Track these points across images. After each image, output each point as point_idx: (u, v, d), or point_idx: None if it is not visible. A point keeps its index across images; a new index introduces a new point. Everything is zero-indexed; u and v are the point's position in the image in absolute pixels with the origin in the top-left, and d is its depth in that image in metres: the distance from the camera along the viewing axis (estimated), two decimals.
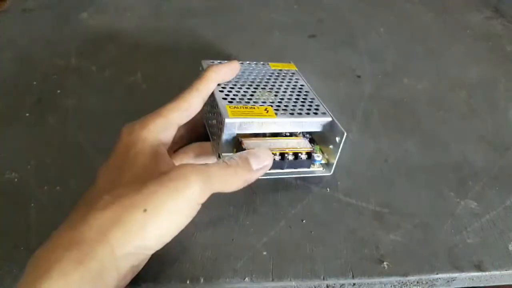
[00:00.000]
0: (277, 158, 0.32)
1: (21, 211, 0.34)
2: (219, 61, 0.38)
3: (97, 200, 0.25)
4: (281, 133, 0.34)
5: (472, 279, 0.30)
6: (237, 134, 0.32)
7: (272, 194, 0.35)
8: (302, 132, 0.35)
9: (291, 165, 0.33)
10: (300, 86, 0.37)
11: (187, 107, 0.31)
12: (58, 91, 0.47)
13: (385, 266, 0.30)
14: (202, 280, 0.29)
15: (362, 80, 0.47)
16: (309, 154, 0.33)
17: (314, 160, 0.34)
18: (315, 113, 0.34)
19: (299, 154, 0.33)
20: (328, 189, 0.35)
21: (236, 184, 0.28)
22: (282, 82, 0.38)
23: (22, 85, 0.48)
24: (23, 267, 0.29)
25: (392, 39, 0.55)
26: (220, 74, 0.34)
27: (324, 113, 0.34)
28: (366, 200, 0.34)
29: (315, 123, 0.34)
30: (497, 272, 0.29)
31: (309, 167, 0.34)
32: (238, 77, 0.36)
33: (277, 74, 0.39)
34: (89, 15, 0.61)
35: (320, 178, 0.36)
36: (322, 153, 0.35)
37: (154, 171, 0.26)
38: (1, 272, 0.29)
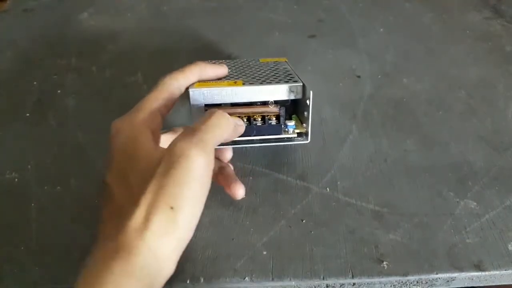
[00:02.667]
0: (245, 123, 0.31)
1: (21, 211, 0.34)
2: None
3: (122, 208, 0.25)
4: (254, 104, 0.33)
5: (472, 279, 0.30)
6: (205, 106, 0.32)
7: (272, 194, 0.35)
8: (276, 104, 0.33)
9: (260, 130, 0.32)
10: (283, 69, 0.36)
11: (166, 96, 0.31)
12: (58, 91, 0.47)
13: (385, 265, 0.30)
14: (202, 279, 0.29)
15: (362, 80, 0.48)
16: (278, 118, 0.32)
17: (286, 126, 0.33)
18: (286, 82, 0.32)
19: (267, 118, 0.32)
20: (327, 189, 0.35)
21: (226, 123, 0.28)
22: (266, 67, 0.37)
23: (22, 85, 0.48)
24: (23, 267, 0.30)
25: (392, 39, 0.55)
26: (203, 70, 0.33)
27: (295, 81, 0.32)
28: (366, 200, 0.34)
29: (284, 90, 0.32)
30: (497, 272, 0.29)
31: (280, 133, 0.33)
32: None
33: (263, 64, 0.38)
34: (89, 15, 0.61)
35: (319, 178, 0.36)
36: (301, 123, 0.34)
37: (156, 162, 0.26)
38: (1, 272, 0.29)
